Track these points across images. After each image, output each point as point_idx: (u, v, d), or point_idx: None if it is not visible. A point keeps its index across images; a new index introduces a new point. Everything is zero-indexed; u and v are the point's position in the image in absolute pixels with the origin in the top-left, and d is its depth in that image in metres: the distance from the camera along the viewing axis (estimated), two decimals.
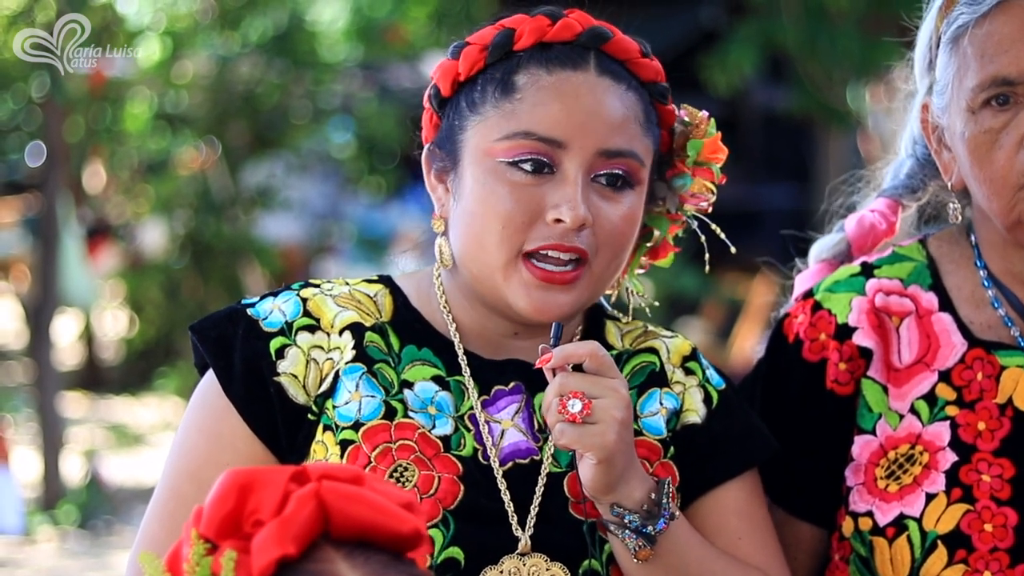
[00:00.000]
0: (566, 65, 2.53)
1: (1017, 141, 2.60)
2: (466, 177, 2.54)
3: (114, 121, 14.03)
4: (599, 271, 2.53)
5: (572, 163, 2.49)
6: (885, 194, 2.94)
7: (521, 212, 2.49)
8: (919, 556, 2.64)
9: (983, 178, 2.65)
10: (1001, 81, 2.61)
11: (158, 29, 13.55)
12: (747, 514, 2.63)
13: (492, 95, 2.54)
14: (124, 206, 15.18)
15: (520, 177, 2.49)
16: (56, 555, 10.13)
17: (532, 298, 2.50)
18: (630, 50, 2.58)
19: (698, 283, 13.70)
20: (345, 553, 1.73)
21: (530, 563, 2.49)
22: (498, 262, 2.51)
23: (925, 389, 2.71)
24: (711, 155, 2.67)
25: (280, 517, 1.72)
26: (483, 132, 2.53)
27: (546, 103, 2.50)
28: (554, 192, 2.49)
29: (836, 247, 2.95)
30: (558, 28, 2.56)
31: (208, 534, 1.75)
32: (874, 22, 12.00)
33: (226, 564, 1.70)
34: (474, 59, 2.57)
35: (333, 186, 17.10)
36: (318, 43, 15.04)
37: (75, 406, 14.69)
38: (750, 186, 16.99)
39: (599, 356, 2.45)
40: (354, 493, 1.76)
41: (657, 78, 2.60)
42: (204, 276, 13.79)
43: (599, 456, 2.40)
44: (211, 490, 1.78)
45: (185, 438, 2.58)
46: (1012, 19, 2.62)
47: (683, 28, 16.17)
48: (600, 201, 2.51)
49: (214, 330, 2.58)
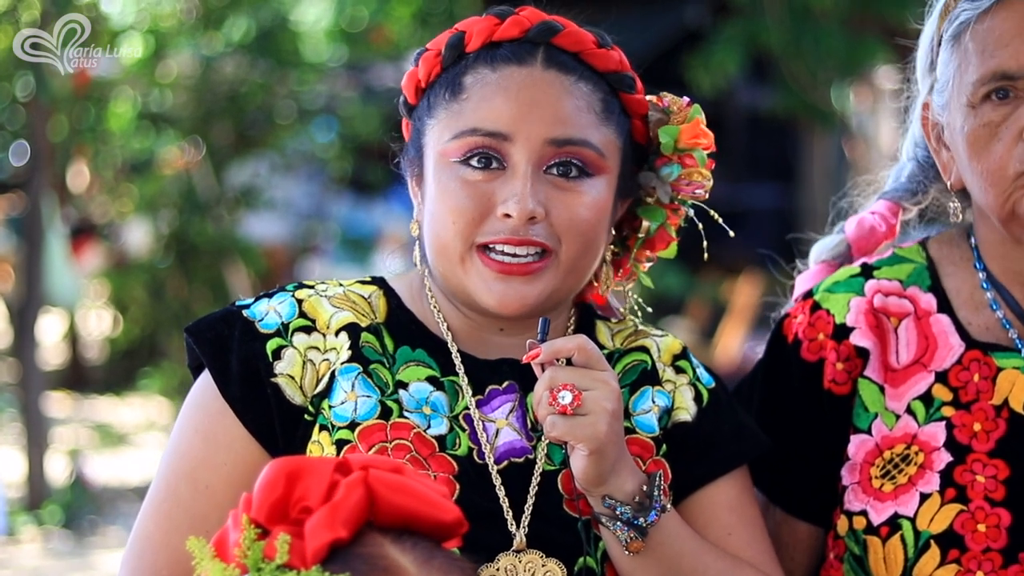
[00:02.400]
0: (511, 61, 2.55)
1: (1016, 134, 2.61)
2: (428, 180, 2.57)
3: (98, 121, 14.01)
4: (568, 261, 2.53)
5: (520, 155, 2.50)
6: (886, 196, 2.95)
7: (472, 207, 2.51)
8: (912, 555, 2.65)
9: (980, 170, 2.66)
10: (1001, 75, 2.63)
11: (142, 28, 13.54)
12: (737, 510, 2.64)
13: (443, 98, 2.57)
14: (108, 206, 15.16)
15: (471, 174, 2.52)
16: (40, 555, 10.11)
17: (493, 291, 2.52)
18: (583, 41, 2.58)
19: (682, 283, 13.74)
20: (392, 538, 1.80)
21: (525, 560, 2.50)
22: (455, 256, 2.53)
23: (922, 390, 2.72)
24: (692, 140, 2.66)
25: (331, 503, 1.78)
26: (437, 134, 2.56)
27: (489, 98, 2.52)
28: (503, 187, 2.51)
29: (836, 248, 2.96)
30: (506, 26, 2.57)
31: (259, 519, 1.80)
32: (858, 21, 12.04)
33: (281, 547, 1.76)
34: (431, 64, 2.61)
35: (317, 186, 17.09)
36: (302, 43, 15.02)
37: (59, 406, 14.67)
38: (734, 186, 17.01)
39: (587, 349, 2.46)
40: (399, 482, 1.82)
41: (618, 68, 2.60)
42: (188, 276, 13.77)
43: (590, 447, 2.42)
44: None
45: (181, 439, 2.57)
46: (1012, 15, 2.65)
47: (667, 28, 16.18)
48: (555, 192, 2.52)
49: (210, 331, 2.58)
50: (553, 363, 2.46)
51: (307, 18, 16.04)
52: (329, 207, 17.17)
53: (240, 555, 1.77)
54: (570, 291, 2.61)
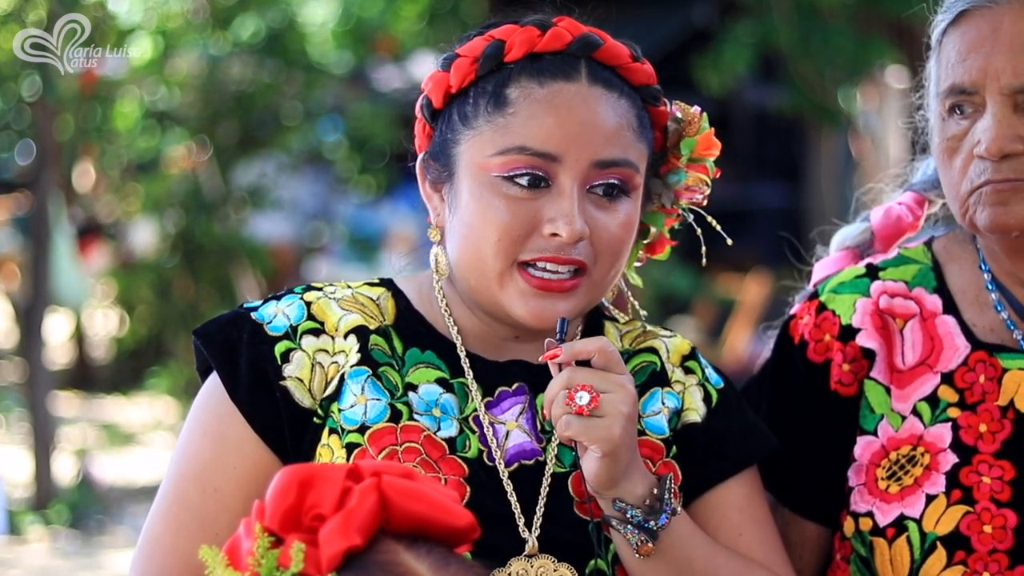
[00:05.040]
0: (558, 76, 2.53)
1: (969, 151, 2.62)
2: (462, 190, 2.55)
3: (104, 120, 14.02)
4: (599, 278, 2.54)
5: (567, 176, 2.49)
6: (913, 188, 2.96)
7: (518, 225, 2.49)
8: (918, 557, 2.65)
9: (945, 182, 2.70)
10: (958, 91, 2.64)
11: (149, 28, 13.54)
12: (748, 510, 2.64)
13: (485, 109, 2.54)
14: (115, 205, 15.18)
15: (516, 191, 2.50)
16: (47, 555, 10.13)
17: (530, 306, 2.51)
18: (620, 55, 2.58)
19: (690, 282, 13.73)
20: (406, 545, 1.80)
21: (537, 564, 2.50)
22: (494, 272, 2.51)
23: (927, 391, 2.72)
24: (704, 151, 2.68)
25: (344, 510, 1.78)
26: (478, 146, 2.53)
27: (539, 117, 2.50)
28: (550, 206, 2.49)
29: (860, 236, 2.96)
30: (548, 38, 2.55)
31: (272, 527, 1.80)
32: (865, 20, 12.03)
33: (296, 555, 1.76)
34: (465, 71, 2.58)
35: (324, 186, 17.11)
36: (309, 43, 15.03)
37: (66, 405, 14.69)
38: (741, 185, 17.01)
39: (608, 352, 2.46)
40: (412, 488, 1.82)
41: (649, 81, 2.60)
42: (195, 275, 13.78)
43: (604, 449, 2.42)
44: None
45: (189, 442, 2.57)
46: (971, 29, 2.64)
47: (675, 27, 16.19)
48: (596, 211, 2.52)
49: (219, 334, 2.58)
50: (571, 363, 2.45)
51: (314, 19, 16.05)
52: (336, 207, 17.19)
53: (254, 564, 1.77)
54: (593, 305, 2.61)
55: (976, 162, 2.62)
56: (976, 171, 2.63)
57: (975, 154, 2.62)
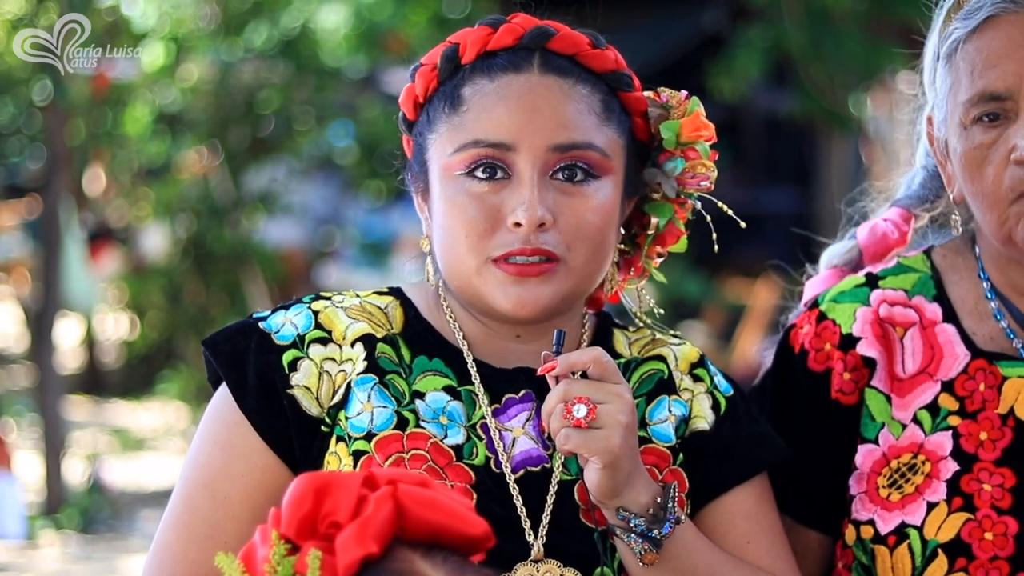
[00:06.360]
0: (508, 69, 2.55)
1: (1005, 156, 2.61)
2: (434, 195, 2.58)
3: (115, 125, 14.05)
4: (578, 265, 2.54)
5: (525, 163, 2.51)
6: (898, 203, 2.95)
7: (483, 219, 2.51)
8: (920, 564, 2.66)
9: (975, 193, 2.67)
10: (989, 96, 2.62)
11: (162, 33, 13.56)
12: (755, 518, 2.64)
13: (443, 111, 2.57)
14: (125, 210, 15.20)
15: (477, 186, 2.52)
16: (59, 559, 10.14)
17: (509, 295, 2.52)
18: (578, 43, 2.58)
19: (700, 287, 13.72)
20: (422, 553, 1.80)
21: (543, 570, 2.51)
22: (471, 269, 2.53)
23: (928, 399, 2.73)
24: (693, 133, 2.66)
25: (360, 518, 1.79)
26: (440, 148, 2.57)
27: (489, 109, 2.53)
28: (511, 196, 2.51)
29: (847, 254, 2.97)
30: (500, 35, 2.58)
31: (288, 535, 1.81)
32: (876, 25, 12.02)
33: (312, 563, 1.76)
34: (428, 79, 2.62)
35: (335, 191, 17.12)
36: (320, 48, 15.04)
37: (77, 410, 14.71)
38: (752, 190, 17.00)
39: (603, 362, 2.46)
40: (427, 496, 1.83)
41: (615, 67, 2.61)
42: (206, 280, 13.80)
43: (604, 460, 2.42)
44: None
45: (199, 451, 2.59)
46: (1000, 34, 2.63)
47: (686, 33, 16.18)
48: (562, 197, 2.52)
49: (227, 344, 2.60)
50: (568, 375, 2.45)
51: (326, 24, 16.06)
52: (347, 212, 17.20)
53: (270, 571, 1.78)
54: (583, 293, 2.61)
55: (1013, 168, 2.61)
56: (1016, 177, 2.61)
57: (1012, 159, 2.60)
